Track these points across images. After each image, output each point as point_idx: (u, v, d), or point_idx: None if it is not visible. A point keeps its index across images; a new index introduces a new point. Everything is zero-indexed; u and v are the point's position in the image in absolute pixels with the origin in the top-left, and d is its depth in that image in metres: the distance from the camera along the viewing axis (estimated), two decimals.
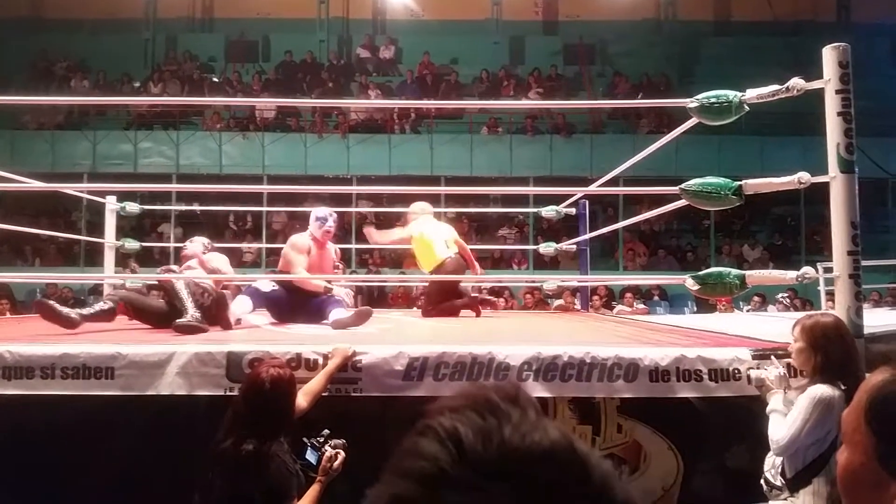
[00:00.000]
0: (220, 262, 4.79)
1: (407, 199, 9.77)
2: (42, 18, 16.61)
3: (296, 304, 4.67)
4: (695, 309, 9.90)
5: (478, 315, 5.72)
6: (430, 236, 5.78)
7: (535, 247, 7.81)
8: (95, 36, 15.90)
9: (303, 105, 13.97)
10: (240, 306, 4.51)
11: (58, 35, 15.98)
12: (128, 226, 10.97)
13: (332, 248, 5.19)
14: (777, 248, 13.76)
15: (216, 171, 13.68)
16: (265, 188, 11.96)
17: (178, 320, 3.84)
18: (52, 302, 3.92)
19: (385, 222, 14.05)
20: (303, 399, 2.68)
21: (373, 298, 10.88)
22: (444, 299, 5.72)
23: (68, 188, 7.67)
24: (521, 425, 0.57)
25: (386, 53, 16.39)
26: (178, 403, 2.83)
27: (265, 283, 4.75)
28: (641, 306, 10.51)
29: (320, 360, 2.85)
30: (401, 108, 14.06)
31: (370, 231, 6.13)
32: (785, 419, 2.47)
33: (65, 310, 3.84)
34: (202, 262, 4.60)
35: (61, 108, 13.93)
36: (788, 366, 2.72)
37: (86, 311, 3.95)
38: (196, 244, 4.81)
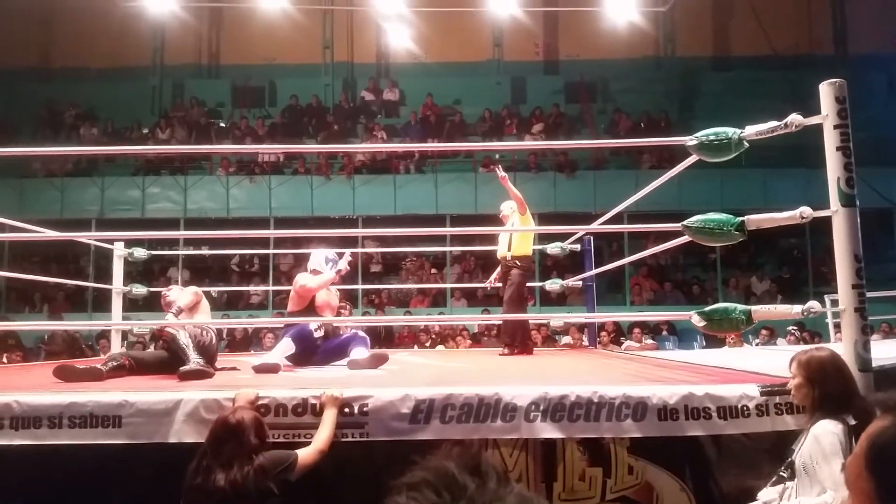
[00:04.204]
0: (186, 295, 4.55)
1: (413, 240, 9.88)
2: (50, 67, 16.94)
3: (320, 345, 4.78)
4: (704, 343, 9.84)
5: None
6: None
7: (541, 283, 7.80)
8: (103, 83, 16.21)
9: (308, 151, 14.15)
10: (282, 349, 4.54)
11: (66, 83, 16.30)
12: (136, 271, 11.07)
13: (334, 289, 5.22)
14: (784, 281, 13.70)
15: (224, 214, 13.82)
16: (272, 233, 12.05)
17: (182, 367, 3.85)
18: (70, 364, 3.92)
19: (391, 262, 14.15)
20: (313, 449, 2.70)
21: (379, 339, 10.85)
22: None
23: (79, 237, 7.74)
24: (476, 499, 0.57)
25: (390, 96, 16.62)
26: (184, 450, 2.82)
27: (313, 324, 4.77)
28: (650, 341, 10.45)
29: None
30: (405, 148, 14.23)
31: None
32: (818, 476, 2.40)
33: (86, 367, 3.86)
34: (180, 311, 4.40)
35: (70, 156, 14.12)
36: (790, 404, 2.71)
37: (104, 367, 3.94)
38: (174, 292, 4.71)
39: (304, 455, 2.68)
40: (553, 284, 7.45)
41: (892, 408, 1.06)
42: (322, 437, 2.74)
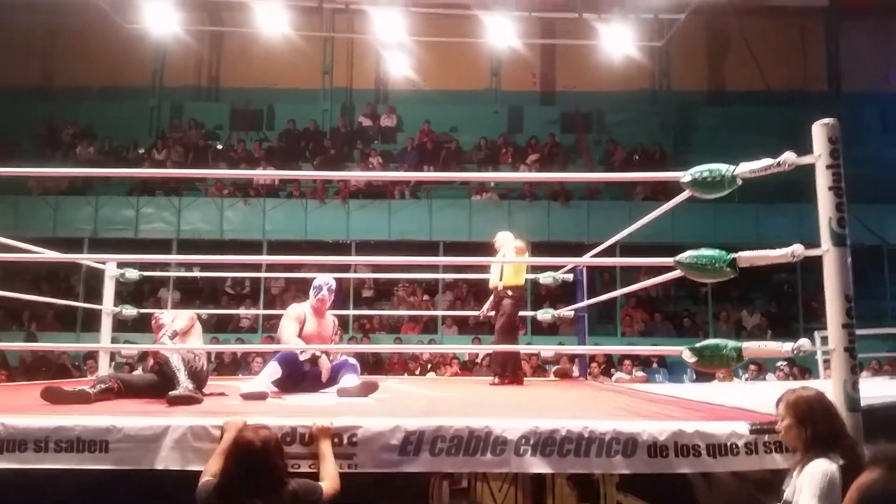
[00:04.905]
0: (181, 319, 4.55)
1: (406, 266, 9.89)
2: (52, 86, 17.00)
3: (308, 371, 4.76)
4: (694, 377, 9.83)
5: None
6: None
7: (532, 313, 7.81)
8: (103, 103, 16.26)
9: (304, 177, 14.21)
10: (268, 374, 4.52)
11: (66, 102, 16.34)
12: (126, 291, 11.00)
13: (331, 320, 5.21)
14: (775, 316, 13.74)
15: (217, 236, 13.80)
16: (265, 259, 12.04)
17: (171, 392, 3.82)
18: (57, 386, 3.88)
19: (383, 288, 14.12)
20: (330, 486, 2.67)
21: (368, 365, 10.81)
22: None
23: (69, 259, 7.70)
24: None
25: (388, 122, 16.73)
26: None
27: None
28: (640, 374, 10.45)
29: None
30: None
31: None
32: None
33: (74, 389, 3.83)
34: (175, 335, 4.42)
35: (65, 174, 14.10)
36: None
37: (92, 390, 3.90)
38: (167, 315, 4.72)
39: (328, 489, 2.66)
40: (545, 314, 7.46)
41: (880, 460, 1.06)
42: (332, 472, 2.71)
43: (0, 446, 2.82)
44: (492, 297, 6.39)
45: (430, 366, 10.73)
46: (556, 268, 7.07)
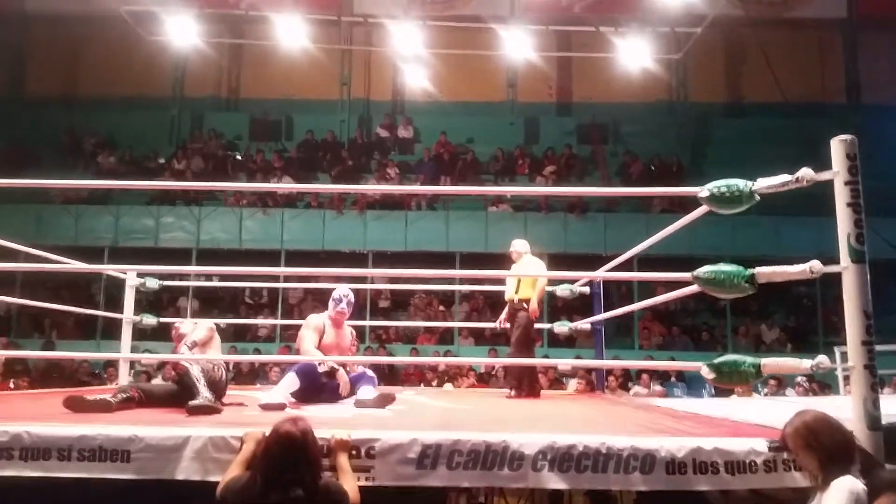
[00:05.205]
0: (201, 330, 4.62)
1: (423, 278, 9.91)
2: (74, 96, 17.28)
3: (326, 382, 4.80)
4: (713, 391, 9.74)
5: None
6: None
7: (549, 325, 7.78)
8: (124, 113, 16.47)
9: (323, 191, 14.35)
10: (287, 385, 4.55)
11: (89, 112, 16.58)
12: (145, 300, 11.11)
13: (349, 331, 5.24)
14: (794, 330, 13.60)
15: (236, 245, 13.92)
16: (282, 271, 12.13)
17: (191, 402, 3.86)
18: (80, 395, 3.93)
19: (400, 298, 14.15)
20: (352, 501, 2.69)
21: (384, 375, 10.84)
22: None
23: (96, 269, 7.80)
24: None
25: (404, 133, 16.81)
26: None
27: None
28: (658, 388, 10.37)
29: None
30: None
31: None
32: None
33: (95, 398, 3.87)
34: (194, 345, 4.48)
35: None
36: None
37: (113, 399, 3.95)
38: (187, 325, 4.79)
39: (353, 499, 2.68)
40: (562, 327, 7.43)
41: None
42: (353, 486, 2.73)
43: (25, 454, 2.86)
44: (507, 308, 6.39)
45: (446, 377, 10.72)
46: (572, 280, 7.06)
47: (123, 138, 16.23)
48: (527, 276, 6.11)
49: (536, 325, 6.50)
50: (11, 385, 9.02)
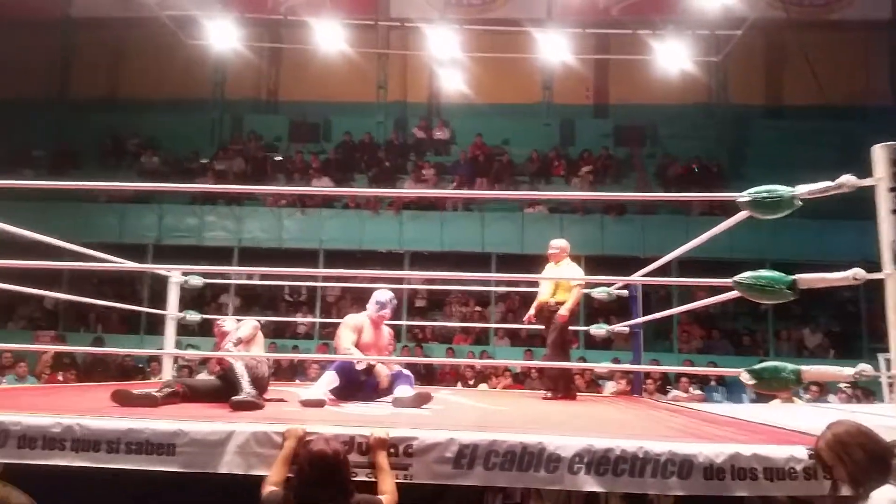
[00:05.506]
0: (246, 327, 4.71)
1: (459, 279, 9.97)
2: (117, 98, 17.75)
3: (364, 380, 4.86)
4: (754, 396, 9.59)
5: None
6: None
7: (586, 328, 7.75)
8: (166, 115, 16.85)
9: (361, 194, 14.54)
10: (326, 382, 4.63)
11: (131, 114, 16.99)
12: (188, 296, 11.35)
13: (387, 331, 5.30)
14: (838, 335, 13.29)
15: (276, 244, 14.14)
16: (321, 272, 12.35)
17: (234, 397, 3.95)
18: (126, 389, 4.05)
19: (436, 297, 14.22)
20: (390, 500, 2.75)
21: (420, 375, 10.90)
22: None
23: (142, 268, 7.99)
24: None
25: (440, 135, 16.89)
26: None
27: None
28: (698, 392, 10.24)
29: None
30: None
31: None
32: None
33: (142, 392, 3.98)
34: (239, 342, 4.59)
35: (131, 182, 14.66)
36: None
37: (159, 393, 4.05)
38: (230, 322, 4.88)
39: (391, 497, 2.74)
40: (598, 329, 7.38)
41: None
42: (391, 486, 2.78)
43: (76, 446, 2.98)
44: (534, 306, 6.36)
45: (482, 377, 10.75)
46: (609, 283, 7.02)
47: (165, 139, 16.60)
48: (561, 279, 6.10)
49: (572, 328, 6.48)
50: (60, 378, 9.28)
